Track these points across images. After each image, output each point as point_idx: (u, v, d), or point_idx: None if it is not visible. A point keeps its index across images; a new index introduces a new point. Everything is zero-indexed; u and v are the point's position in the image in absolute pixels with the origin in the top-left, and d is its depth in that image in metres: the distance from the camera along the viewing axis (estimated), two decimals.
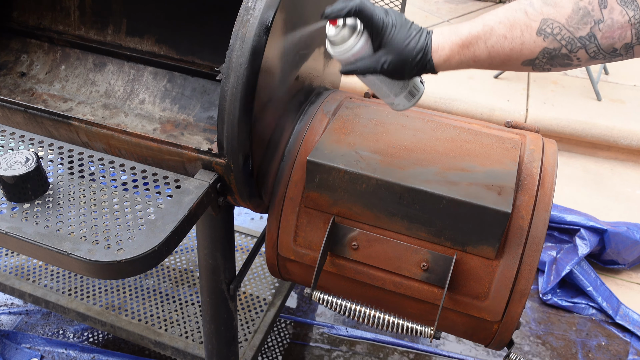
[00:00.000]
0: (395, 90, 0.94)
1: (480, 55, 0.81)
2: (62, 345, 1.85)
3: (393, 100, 0.96)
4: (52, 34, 1.58)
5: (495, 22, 0.79)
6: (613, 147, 2.92)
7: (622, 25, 0.71)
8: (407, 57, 0.84)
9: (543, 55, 0.77)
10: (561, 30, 0.74)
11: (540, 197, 1.04)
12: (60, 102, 1.55)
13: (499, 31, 0.78)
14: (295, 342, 1.92)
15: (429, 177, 1.02)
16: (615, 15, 0.71)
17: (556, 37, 0.75)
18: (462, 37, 0.81)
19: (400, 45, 0.84)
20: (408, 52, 0.84)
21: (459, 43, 0.81)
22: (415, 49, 0.84)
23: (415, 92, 0.95)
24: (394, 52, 0.85)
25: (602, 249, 2.21)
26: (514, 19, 0.77)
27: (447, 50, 0.83)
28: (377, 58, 0.86)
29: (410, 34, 0.84)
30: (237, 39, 0.96)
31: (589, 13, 0.72)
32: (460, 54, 0.82)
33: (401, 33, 0.84)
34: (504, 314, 1.04)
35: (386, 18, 0.85)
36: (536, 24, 0.76)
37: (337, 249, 1.10)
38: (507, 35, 0.78)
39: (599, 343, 2.00)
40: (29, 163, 0.95)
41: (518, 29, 0.77)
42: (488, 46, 0.79)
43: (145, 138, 1.07)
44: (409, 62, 0.85)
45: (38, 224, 0.91)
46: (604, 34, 0.73)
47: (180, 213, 0.94)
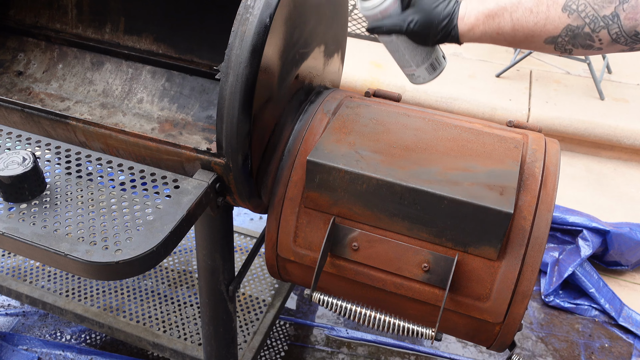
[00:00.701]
0: (417, 59, 0.94)
1: (504, 27, 0.82)
2: (60, 347, 1.85)
3: (414, 70, 0.96)
4: (49, 33, 1.58)
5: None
6: (616, 147, 2.92)
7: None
8: (434, 19, 0.86)
9: (566, 33, 0.79)
10: (586, 8, 0.76)
11: (543, 197, 1.04)
12: (58, 102, 1.55)
13: (525, 4, 0.80)
14: (295, 344, 1.92)
15: (430, 177, 1.02)
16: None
17: (580, 14, 0.76)
18: (489, 7, 0.83)
19: (429, 7, 0.86)
20: (435, 14, 0.86)
21: (485, 12, 0.83)
22: (443, 12, 0.85)
23: (437, 66, 0.96)
24: (422, 12, 0.86)
25: (605, 250, 2.21)
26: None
27: (472, 18, 0.84)
28: (404, 17, 0.88)
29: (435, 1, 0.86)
30: (236, 38, 0.96)
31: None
32: (485, 24, 0.84)
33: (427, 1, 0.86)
34: (506, 316, 1.04)
35: None
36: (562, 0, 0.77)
37: (337, 250, 1.10)
38: (534, 9, 0.79)
39: (602, 345, 2.00)
40: (26, 163, 0.95)
41: (544, 4, 0.79)
42: (513, 19, 0.81)
43: (143, 138, 1.07)
44: (434, 25, 0.86)
45: (35, 225, 0.91)
46: (627, 14, 0.74)
47: (179, 213, 0.94)
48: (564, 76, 3.36)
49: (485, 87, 3.15)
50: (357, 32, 3.52)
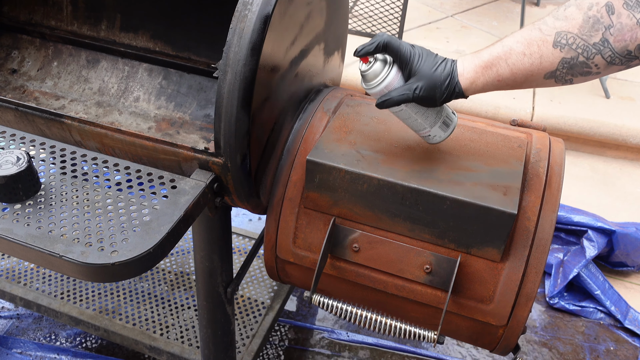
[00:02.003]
0: (429, 120, 1.00)
1: (503, 74, 0.89)
2: (54, 351, 1.85)
3: (429, 132, 1.03)
4: (44, 30, 1.58)
5: (513, 42, 0.87)
6: (622, 146, 2.91)
7: (632, 27, 0.78)
8: (437, 81, 0.93)
9: (562, 66, 0.85)
10: (575, 40, 0.82)
11: (547, 197, 1.05)
12: (53, 100, 1.55)
13: (517, 49, 0.86)
14: (294, 347, 1.92)
15: (433, 176, 1.02)
16: (624, 19, 0.78)
17: (572, 47, 0.83)
18: (484, 59, 0.90)
19: (429, 72, 0.93)
20: (437, 77, 0.93)
21: (481, 65, 0.90)
22: (443, 74, 0.93)
23: (449, 122, 1.03)
24: (424, 78, 0.93)
25: (611, 251, 2.21)
26: (530, 37, 0.86)
27: (471, 72, 0.91)
28: (409, 86, 0.95)
29: (436, 61, 0.94)
30: (234, 35, 0.96)
31: (598, 20, 0.80)
32: (485, 75, 0.91)
33: (428, 61, 0.94)
34: (510, 318, 1.04)
35: (412, 49, 0.95)
36: (551, 37, 0.84)
37: (337, 251, 1.10)
38: (526, 51, 0.86)
39: (607, 348, 2.00)
40: (20, 162, 0.95)
41: (535, 45, 0.85)
42: (509, 64, 0.88)
43: (139, 137, 1.07)
44: (438, 87, 0.93)
45: (29, 225, 0.91)
46: (616, 37, 0.79)
47: (176, 214, 0.94)
48: None
49: None
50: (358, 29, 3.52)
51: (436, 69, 0.93)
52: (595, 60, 0.83)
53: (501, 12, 4.05)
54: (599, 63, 0.83)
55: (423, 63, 0.93)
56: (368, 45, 0.95)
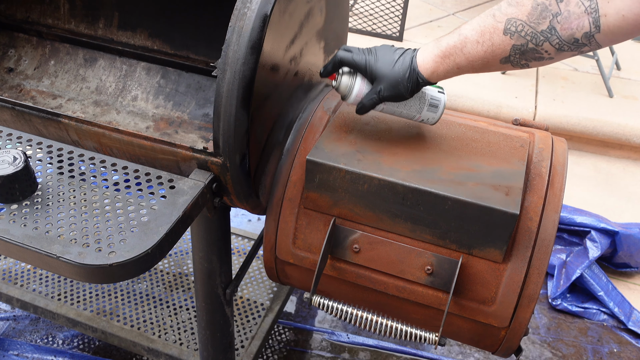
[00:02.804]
0: (414, 108, 1.05)
1: (461, 63, 0.92)
2: (52, 352, 1.85)
3: (420, 117, 1.07)
4: (40, 28, 1.58)
5: (469, 30, 0.90)
6: (625, 146, 2.92)
7: (579, 15, 0.79)
8: (397, 78, 0.97)
9: (514, 52, 0.87)
10: (524, 27, 0.84)
11: (550, 197, 1.05)
12: (50, 99, 1.55)
13: (472, 38, 0.89)
14: (294, 349, 1.92)
15: (434, 176, 1.02)
16: (572, 7, 0.79)
17: (520, 34, 0.85)
18: (442, 49, 0.93)
19: (388, 70, 0.97)
20: (396, 74, 0.97)
21: (439, 54, 0.94)
22: (402, 69, 0.96)
23: (436, 102, 1.05)
24: (384, 78, 0.98)
25: (614, 252, 2.21)
26: (484, 24, 0.88)
27: (431, 62, 0.95)
28: (373, 89, 1.00)
29: (394, 57, 0.97)
30: (233, 33, 0.96)
31: (546, 8, 0.81)
32: (444, 64, 0.94)
33: (384, 61, 0.98)
34: (512, 320, 1.04)
35: (367, 55, 0.99)
36: (502, 25, 0.86)
37: (337, 252, 1.10)
38: (479, 40, 0.89)
39: (610, 350, 2.00)
40: (16, 162, 0.95)
41: (487, 33, 0.88)
42: (465, 53, 0.91)
43: (137, 136, 1.07)
44: (401, 82, 0.97)
45: (26, 226, 0.91)
46: (563, 25, 0.81)
47: (175, 214, 0.94)
48: (572, 73, 3.36)
49: (490, 85, 3.15)
50: (359, 27, 3.52)
51: (394, 66, 0.96)
52: (544, 47, 0.84)
53: None
54: (549, 49, 0.84)
55: (380, 64, 0.97)
56: (327, 66, 1.02)
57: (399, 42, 3.47)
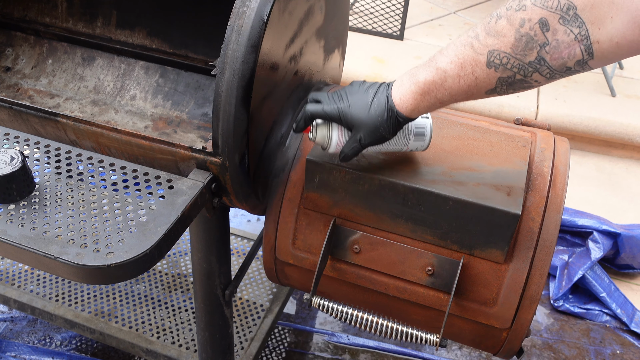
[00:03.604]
0: (400, 143, 1.00)
1: (443, 98, 0.86)
2: (49, 354, 1.85)
3: (408, 148, 1.02)
4: (38, 27, 1.58)
5: (447, 63, 0.83)
6: (628, 146, 2.91)
7: (569, 44, 0.73)
8: (375, 122, 0.91)
9: (501, 84, 0.81)
10: (509, 59, 0.77)
11: (552, 198, 1.05)
12: (47, 98, 1.55)
13: (451, 72, 0.82)
14: (294, 351, 1.92)
15: (435, 176, 1.02)
16: (560, 36, 0.73)
17: (506, 66, 0.78)
18: (420, 86, 0.86)
19: (364, 117, 0.91)
20: (374, 119, 0.91)
21: (418, 92, 0.87)
22: (379, 111, 0.90)
23: (422, 131, 1.01)
24: (362, 126, 0.92)
25: (617, 253, 2.21)
26: (463, 56, 0.81)
27: (410, 100, 0.88)
28: (353, 139, 0.95)
29: (367, 100, 0.91)
30: (232, 32, 0.96)
31: (532, 38, 0.74)
32: (424, 101, 0.87)
33: (358, 106, 0.92)
34: (514, 321, 1.04)
35: (338, 104, 0.94)
36: (484, 57, 0.79)
37: (338, 253, 1.10)
38: (460, 74, 0.82)
39: (613, 351, 2.00)
40: (14, 162, 0.95)
41: (469, 66, 0.80)
42: (446, 88, 0.84)
43: (136, 136, 1.07)
44: (380, 126, 0.91)
45: (24, 226, 0.91)
46: (552, 55, 0.75)
47: (173, 215, 0.94)
48: None
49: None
50: (359, 26, 3.52)
51: (370, 110, 0.91)
52: (533, 77, 0.78)
53: None
54: (539, 79, 0.79)
55: (354, 112, 0.92)
56: (299, 121, 0.98)
57: (400, 41, 3.47)
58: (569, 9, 0.71)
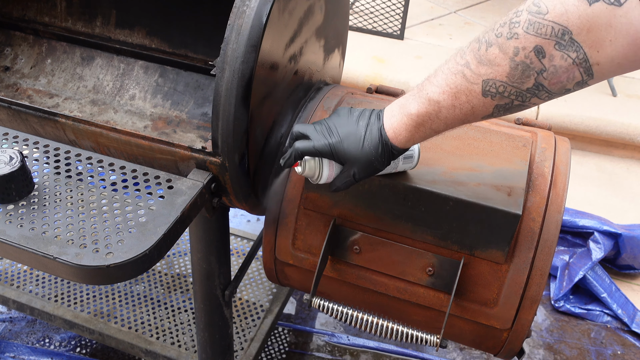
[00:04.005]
0: (389, 168, 0.98)
1: (438, 127, 0.83)
2: (48, 355, 1.85)
3: (397, 170, 1.01)
4: (37, 26, 1.58)
5: (439, 93, 0.80)
6: (629, 145, 2.91)
7: (567, 68, 0.70)
8: (369, 158, 0.88)
9: (498, 110, 0.78)
10: (506, 87, 0.74)
11: (552, 198, 1.05)
12: (46, 98, 1.55)
13: (445, 103, 0.80)
14: (293, 351, 1.92)
15: (435, 176, 1.02)
16: (557, 61, 0.70)
17: (503, 95, 0.75)
18: (413, 119, 0.84)
19: (357, 154, 0.88)
20: (367, 154, 0.88)
21: (412, 125, 0.84)
22: (372, 146, 0.88)
23: (410, 154, 1.00)
24: (356, 162, 0.89)
25: (618, 254, 2.21)
26: (455, 85, 0.78)
27: (404, 133, 0.86)
28: (346, 174, 0.92)
29: (359, 134, 0.88)
30: (232, 31, 0.96)
31: (528, 66, 0.72)
32: (419, 132, 0.85)
33: (350, 142, 0.89)
34: (514, 322, 1.04)
35: (329, 139, 0.90)
36: (478, 87, 0.76)
37: (338, 253, 1.10)
38: (455, 104, 0.79)
39: (614, 352, 2.00)
40: (13, 162, 0.95)
41: (463, 96, 0.78)
42: (441, 118, 0.81)
43: (135, 136, 1.07)
44: (374, 161, 0.89)
45: (22, 227, 0.91)
46: (551, 81, 0.72)
47: (173, 215, 0.94)
48: None
49: None
50: (359, 26, 3.52)
51: (363, 145, 0.88)
52: (532, 101, 0.76)
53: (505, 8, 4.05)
54: (537, 102, 0.77)
55: (347, 146, 0.89)
56: (287, 159, 0.94)
57: (400, 40, 3.47)
58: (564, 34, 0.68)
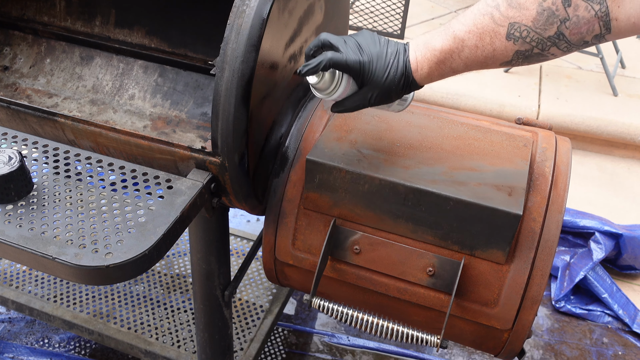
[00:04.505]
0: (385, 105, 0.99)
1: (457, 67, 0.87)
2: (47, 355, 1.85)
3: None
4: (36, 26, 1.58)
5: (465, 32, 0.83)
6: (630, 145, 2.92)
7: (589, 20, 0.75)
8: (390, 86, 0.90)
9: (517, 57, 0.82)
10: (529, 33, 0.79)
11: (553, 198, 1.05)
12: (45, 98, 1.55)
13: (469, 42, 0.83)
14: (293, 352, 1.92)
15: (436, 177, 1.02)
16: (581, 12, 0.75)
17: (525, 40, 0.80)
18: (436, 54, 0.87)
19: (382, 79, 0.90)
20: (390, 83, 0.90)
21: (434, 60, 0.87)
22: (396, 77, 0.89)
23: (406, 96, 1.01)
24: (377, 87, 0.90)
25: (619, 254, 2.21)
26: (482, 26, 0.81)
27: (426, 68, 0.89)
28: (363, 95, 0.92)
29: (388, 62, 0.89)
30: (232, 31, 0.96)
31: (553, 13, 0.76)
32: (439, 69, 0.88)
33: (379, 66, 0.89)
34: (515, 322, 1.04)
35: (361, 57, 0.89)
36: (504, 29, 0.80)
37: (338, 253, 1.10)
38: (478, 44, 0.82)
39: (615, 353, 2.00)
40: (12, 162, 0.95)
41: (487, 37, 0.81)
42: (462, 58, 0.85)
43: (135, 136, 1.07)
44: (393, 90, 0.91)
45: (22, 227, 0.91)
46: (572, 30, 0.77)
47: (172, 215, 0.94)
48: (576, 71, 3.36)
49: (493, 83, 3.15)
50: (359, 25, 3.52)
51: (389, 74, 0.89)
52: (551, 51, 0.81)
53: None
54: (555, 52, 0.81)
55: (375, 70, 0.89)
56: (313, 65, 0.88)
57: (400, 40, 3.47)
58: None
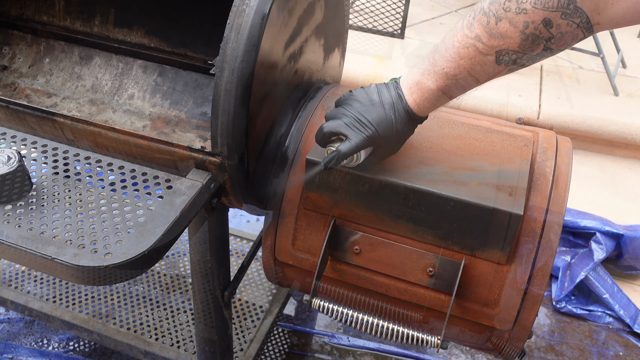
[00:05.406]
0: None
1: (457, 94, 0.91)
2: (46, 356, 1.85)
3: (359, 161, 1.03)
4: (35, 25, 1.58)
5: (454, 68, 0.86)
6: (631, 145, 2.91)
7: (572, 32, 0.79)
8: (401, 136, 0.96)
9: (511, 71, 0.86)
10: (518, 55, 0.82)
11: (554, 198, 1.05)
12: (44, 97, 1.55)
13: (462, 75, 0.86)
14: (293, 352, 1.92)
15: (436, 177, 1.02)
16: (564, 28, 0.78)
17: (516, 61, 0.83)
18: (434, 93, 0.90)
19: (392, 138, 0.95)
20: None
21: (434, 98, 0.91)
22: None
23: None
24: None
25: (620, 254, 2.21)
26: (469, 58, 0.84)
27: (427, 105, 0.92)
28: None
29: (389, 119, 0.93)
30: (231, 31, 0.96)
31: (537, 37, 0.79)
32: (439, 102, 0.92)
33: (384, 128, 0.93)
34: (515, 323, 1.04)
35: (365, 131, 0.93)
36: (492, 57, 0.83)
37: (338, 253, 1.10)
38: (472, 73, 0.86)
39: (616, 353, 2.00)
40: (11, 162, 0.95)
41: (478, 66, 0.85)
42: (459, 87, 0.89)
43: (134, 135, 1.07)
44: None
45: (21, 227, 0.91)
46: (558, 44, 0.80)
47: (172, 215, 0.94)
48: (577, 71, 3.36)
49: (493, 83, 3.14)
50: (360, 25, 3.52)
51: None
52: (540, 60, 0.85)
53: None
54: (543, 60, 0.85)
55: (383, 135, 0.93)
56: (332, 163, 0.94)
57: (401, 40, 3.47)
58: (569, 3, 0.75)
